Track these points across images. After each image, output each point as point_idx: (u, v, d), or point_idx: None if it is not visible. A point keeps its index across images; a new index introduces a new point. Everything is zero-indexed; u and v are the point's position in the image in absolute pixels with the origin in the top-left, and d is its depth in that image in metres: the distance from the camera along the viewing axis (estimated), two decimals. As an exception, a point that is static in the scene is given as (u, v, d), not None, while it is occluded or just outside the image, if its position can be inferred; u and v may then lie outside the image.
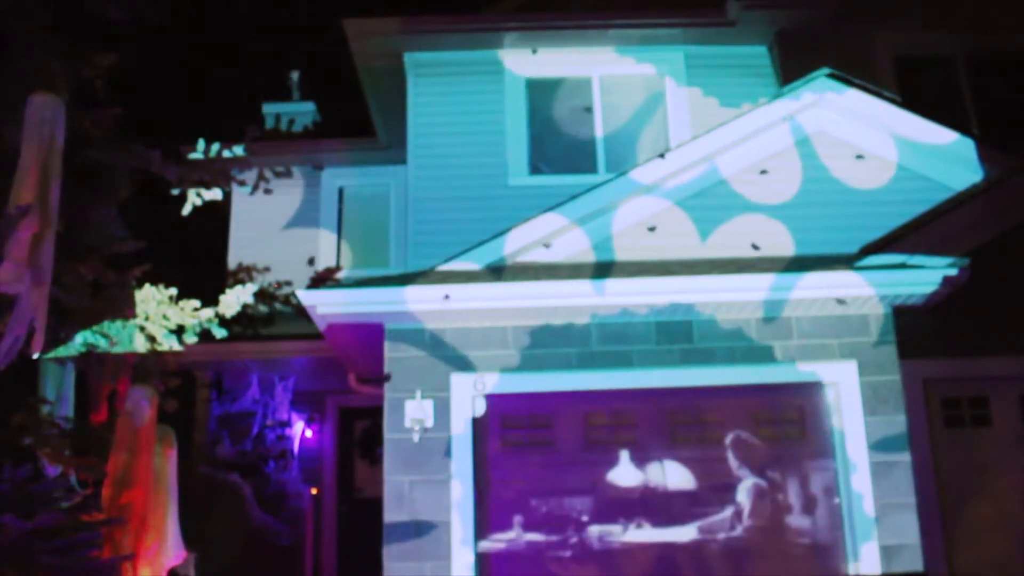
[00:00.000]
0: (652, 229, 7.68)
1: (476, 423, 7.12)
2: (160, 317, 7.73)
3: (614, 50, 9.92)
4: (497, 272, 7.37)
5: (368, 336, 7.38)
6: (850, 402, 7.06)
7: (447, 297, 6.95)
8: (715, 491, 7.06)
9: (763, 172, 7.81)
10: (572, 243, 7.63)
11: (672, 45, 9.94)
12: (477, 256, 7.49)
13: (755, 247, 7.61)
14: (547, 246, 7.58)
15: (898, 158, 7.82)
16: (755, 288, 6.94)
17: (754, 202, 7.75)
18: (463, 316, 7.15)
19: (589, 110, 9.86)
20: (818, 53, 8.96)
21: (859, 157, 7.84)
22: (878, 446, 6.94)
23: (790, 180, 7.80)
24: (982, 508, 7.12)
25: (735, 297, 6.99)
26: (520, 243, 7.54)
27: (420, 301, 7.01)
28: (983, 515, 7.11)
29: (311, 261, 11.96)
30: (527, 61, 9.92)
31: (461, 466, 6.96)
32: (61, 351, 7.13)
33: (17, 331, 5.09)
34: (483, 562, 6.90)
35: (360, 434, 11.99)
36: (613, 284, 6.98)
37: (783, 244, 7.62)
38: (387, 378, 7.10)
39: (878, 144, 7.86)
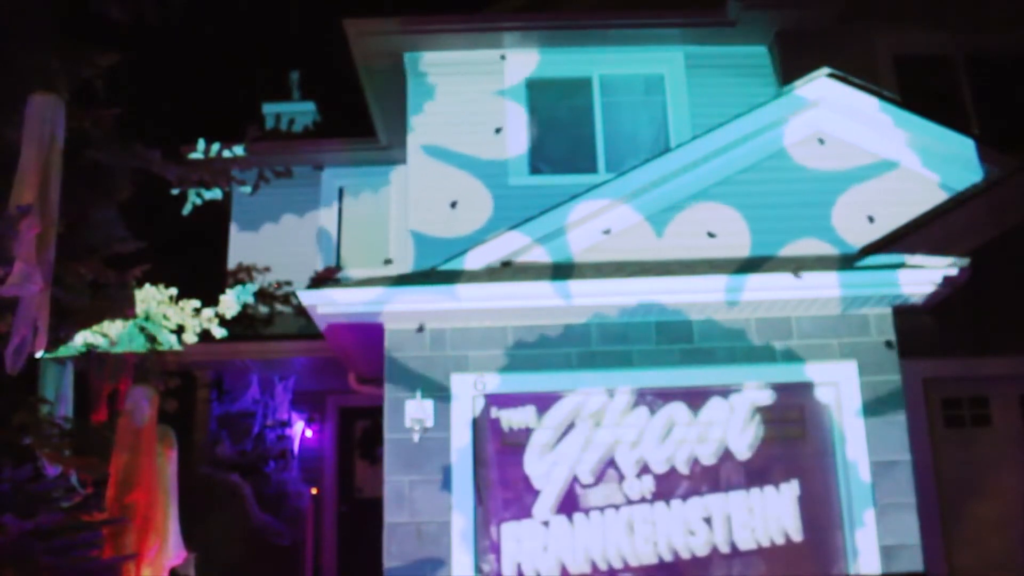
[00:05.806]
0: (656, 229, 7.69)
1: (476, 423, 7.12)
2: (160, 317, 7.75)
3: (614, 50, 9.91)
4: (497, 272, 7.37)
5: (368, 336, 7.38)
6: (850, 402, 7.07)
7: (448, 297, 6.96)
8: (716, 490, 7.06)
9: (762, 172, 7.81)
10: (574, 242, 7.62)
11: (672, 45, 9.93)
12: (477, 256, 7.49)
13: (759, 248, 7.60)
14: (551, 244, 7.58)
15: (898, 158, 7.82)
16: (756, 288, 6.95)
17: (755, 202, 7.75)
18: (463, 316, 7.15)
19: (589, 110, 9.85)
20: (818, 53, 8.94)
21: (859, 157, 7.84)
22: (878, 446, 6.95)
23: (790, 180, 7.80)
24: (982, 508, 7.12)
25: (736, 297, 6.99)
26: (520, 243, 7.54)
27: (420, 301, 7.01)
28: (983, 515, 7.11)
29: (311, 261, 11.95)
30: (527, 61, 9.91)
31: (461, 466, 6.97)
32: (61, 351, 7.13)
33: (23, 332, 5.08)
34: (483, 562, 6.91)
35: (360, 434, 11.98)
36: (613, 284, 6.98)
37: (784, 244, 7.62)
38: (389, 373, 7.10)
39: (878, 144, 7.86)
